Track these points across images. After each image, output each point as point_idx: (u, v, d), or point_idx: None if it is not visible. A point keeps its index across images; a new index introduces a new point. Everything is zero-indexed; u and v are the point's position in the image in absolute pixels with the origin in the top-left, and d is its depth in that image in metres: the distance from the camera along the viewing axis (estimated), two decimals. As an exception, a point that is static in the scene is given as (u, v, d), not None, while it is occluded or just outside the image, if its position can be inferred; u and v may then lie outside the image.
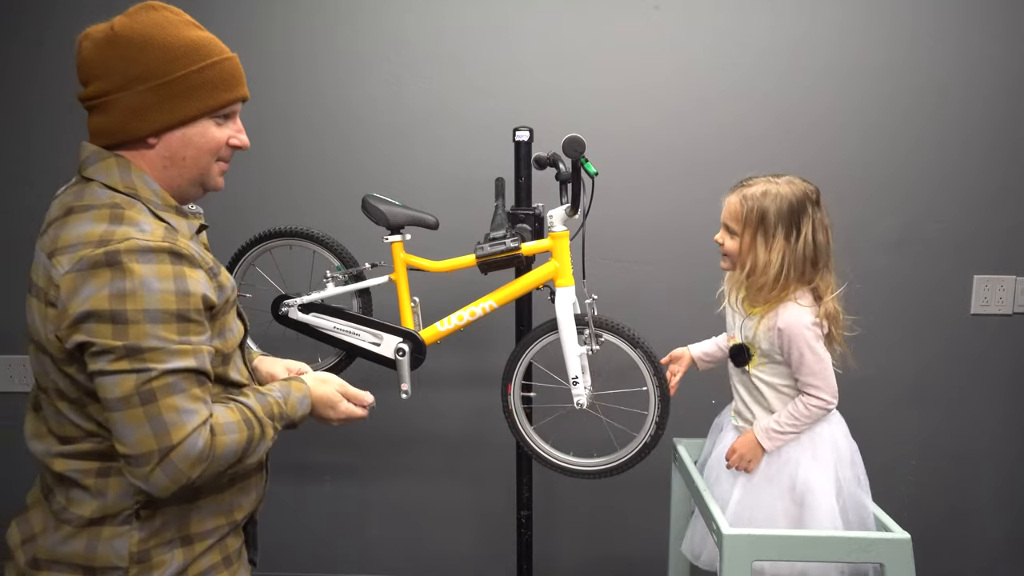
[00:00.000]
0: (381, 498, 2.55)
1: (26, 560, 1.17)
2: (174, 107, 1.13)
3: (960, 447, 2.47)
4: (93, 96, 1.14)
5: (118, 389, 1.04)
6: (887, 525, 1.61)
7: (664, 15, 2.32)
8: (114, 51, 1.11)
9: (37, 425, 1.21)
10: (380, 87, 2.37)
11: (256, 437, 1.15)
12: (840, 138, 2.34)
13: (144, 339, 1.04)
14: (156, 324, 1.05)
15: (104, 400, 1.06)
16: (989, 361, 2.43)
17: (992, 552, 2.52)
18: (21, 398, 2.53)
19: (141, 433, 1.04)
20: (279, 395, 1.23)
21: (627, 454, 1.96)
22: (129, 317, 1.03)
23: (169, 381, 1.05)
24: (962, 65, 2.31)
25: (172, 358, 1.06)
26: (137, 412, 1.04)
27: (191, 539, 1.19)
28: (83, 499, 1.14)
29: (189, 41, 1.13)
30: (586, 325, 1.91)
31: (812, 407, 1.66)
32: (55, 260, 1.07)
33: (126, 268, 1.04)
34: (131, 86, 1.11)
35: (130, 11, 1.14)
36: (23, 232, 2.47)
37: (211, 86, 1.15)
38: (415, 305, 2.01)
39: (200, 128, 1.16)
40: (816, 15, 2.30)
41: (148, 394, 1.04)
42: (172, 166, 1.16)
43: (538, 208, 2.03)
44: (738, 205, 1.69)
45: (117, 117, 1.13)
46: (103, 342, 1.03)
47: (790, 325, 1.65)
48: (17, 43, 2.37)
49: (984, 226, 2.37)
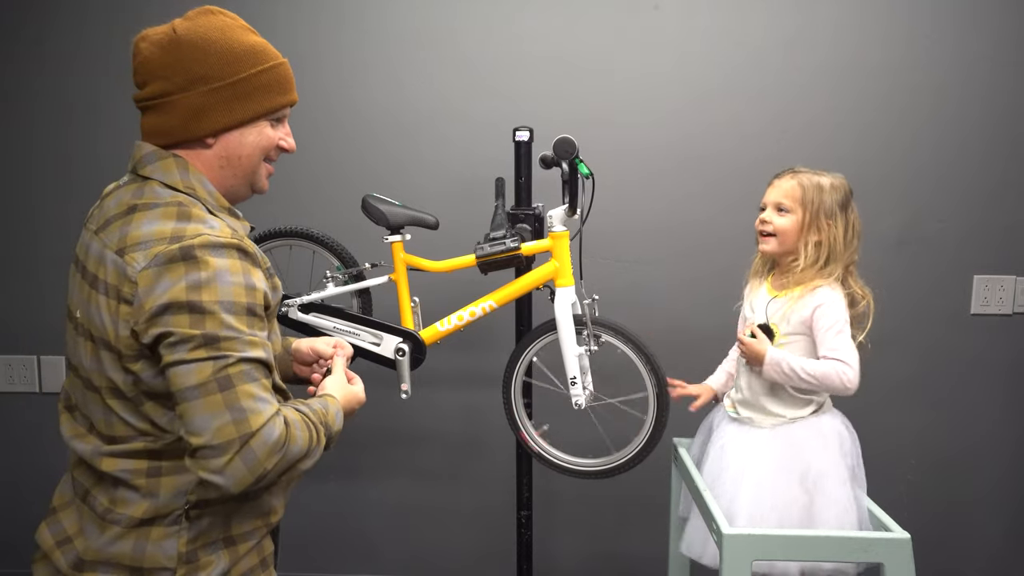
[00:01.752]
0: (381, 498, 2.55)
1: (68, 562, 1.17)
2: (234, 108, 1.17)
3: (960, 447, 2.47)
4: (153, 96, 1.16)
5: (195, 376, 1.05)
6: (887, 525, 1.61)
7: (664, 15, 2.33)
8: (177, 53, 1.13)
9: (74, 425, 1.21)
10: (381, 87, 2.37)
11: (315, 440, 1.15)
12: (838, 137, 2.34)
13: (220, 328, 1.06)
14: (230, 315, 1.07)
15: (179, 391, 1.05)
16: (989, 361, 2.43)
17: (991, 551, 2.52)
18: (20, 398, 2.54)
19: (220, 421, 1.04)
20: (320, 406, 1.23)
21: (627, 455, 1.97)
22: (206, 307, 1.05)
23: (244, 369, 1.07)
24: (960, 63, 2.31)
25: (245, 348, 1.08)
26: (215, 399, 1.04)
27: (234, 540, 1.20)
28: (133, 499, 1.14)
29: (249, 45, 1.17)
30: (585, 325, 1.91)
31: (833, 372, 1.66)
32: (128, 257, 1.08)
33: (201, 261, 1.06)
34: (193, 87, 1.14)
35: (189, 15, 1.17)
36: (23, 233, 2.47)
37: (268, 89, 1.19)
38: (415, 305, 2.01)
39: (256, 129, 1.20)
40: (814, 14, 2.31)
41: (225, 380, 1.05)
42: (228, 166, 1.20)
43: (538, 208, 2.03)
44: (797, 187, 1.75)
45: (178, 117, 1.15)
46: (181, 331, 1.05)
47: (828, 298, 1.70)
48: (19, 42, 2.38)
49: (984, 226, 2.37)
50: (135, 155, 1.19)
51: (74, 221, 2.42)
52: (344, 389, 1.32)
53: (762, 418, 1.79)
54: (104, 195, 1.22)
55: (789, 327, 1.74)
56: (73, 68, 2.39)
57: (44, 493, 2.77)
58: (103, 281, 1.10)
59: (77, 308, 1.15)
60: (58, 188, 2.44)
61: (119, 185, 1.20)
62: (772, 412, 1.77)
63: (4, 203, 2.46)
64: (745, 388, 1.82)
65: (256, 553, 1.23)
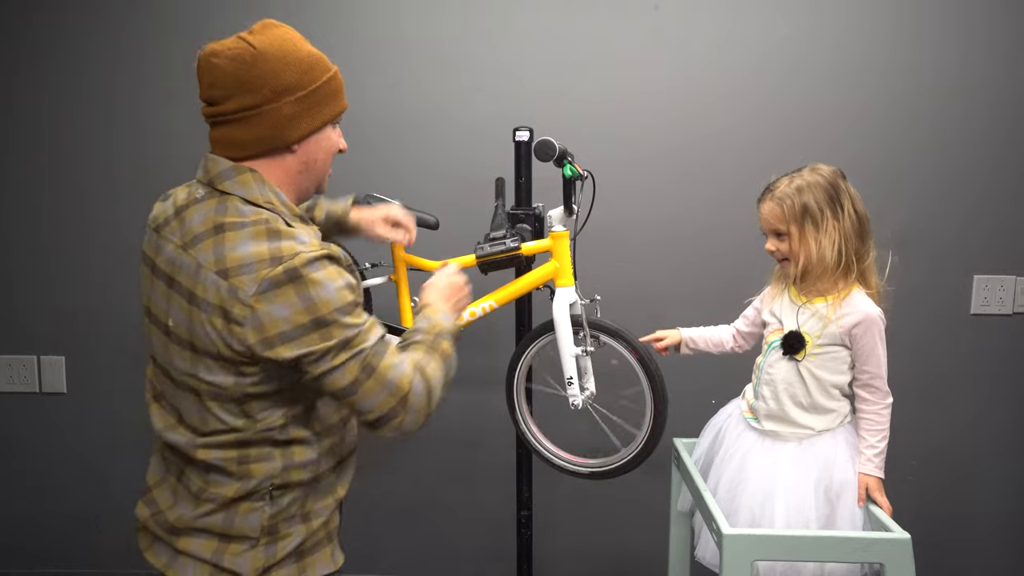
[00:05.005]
0: (381, 498, 2.55)
1: (164, 529, 1.31)
2: (315, 115, 1.26)
3: (960, 447, 2.47)
4: (238, 109, 1.20)
5: (347, 377, 1.21)
6: (887, 525, 1.61)
7: (664, 15, 2.32)
8: (263, 66, 1.19)
9: (164, 416, 1.31)
10: (381, 87, 2.37)
11: (444, 353, 1.35)
12: (840, 139, 2.34)
13: (346, 331, 1.20)
14: (347, 316, 1.20)
15: (339, 390, 1.22)
16: (989, 361, 2.43)
17: (991, 551, 2.52)
18: (20, 398, 2.53)
19: (380, 398, 1.23)
20: (426, 324, 1.40)
21: (626, 455, 1.96)
22: (328, 319, 1.18)
23: (376, 351, 1.23)
24: (961, 64, 2.31)
25: (368, 336, 1.23)
26: (369, 385, 1.22)
27: (309, 516, 1.34)
28: (225, 482, 1.26)
29: (315, 55, 1.27)
30: (582, 326, 1.91)
31: (887, 404, 1.72)
32: (234, 281, 1.16)
33: (307, 280, 1.17)
34: (281, 97, 1.21)
35: (256, 28, 1.24)
36: (22, 232, 2.47)
37: (336, 94, 1.30)
38: (415, 305, 2.01)
39: (327, 133, 1.30)
40: (817, 16, 2.31)
41: (368, 368, 1.22)
42: (306, 170, 1.29)
43: (538, 208, 2.03)
44: (777, 209, 1.71)
45: (268, 128, 1.22)
46: (319, 347, 1.18)
47: (868, 316, 1.68)
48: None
49: (984, 226, 2.37)
50: (210, 169, 1.24)
51: (72, 220, 2.44)
52: (439, 291, 1.51)
53: (789, 431, 1.75)
54: (179, 206, 1.26)
55: (824, 339, 1.70)
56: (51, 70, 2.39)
57: (43, 493, 2.79)
58: (204, 300, 1.18)
59: (167, 317, 1.24)
60: (58, 188, 2.44)
61: (196, 199, 1.25)
62: (801, 424, 1.73)
63: (1, 203, 2.47)
64: (771, 399, 1.76)
65: (324, 527, 1.37)
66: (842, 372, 1.72)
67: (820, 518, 1.67)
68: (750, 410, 1.83)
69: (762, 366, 1.80)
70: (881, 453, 1.70)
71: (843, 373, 1.72)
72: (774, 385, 1.76)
